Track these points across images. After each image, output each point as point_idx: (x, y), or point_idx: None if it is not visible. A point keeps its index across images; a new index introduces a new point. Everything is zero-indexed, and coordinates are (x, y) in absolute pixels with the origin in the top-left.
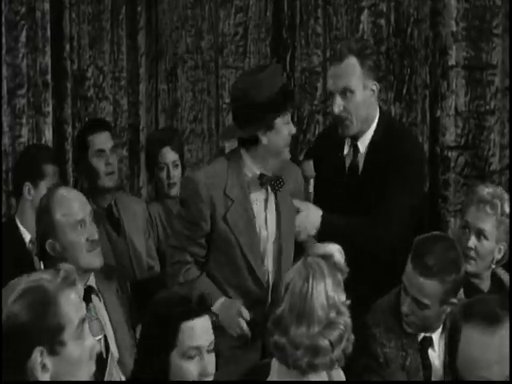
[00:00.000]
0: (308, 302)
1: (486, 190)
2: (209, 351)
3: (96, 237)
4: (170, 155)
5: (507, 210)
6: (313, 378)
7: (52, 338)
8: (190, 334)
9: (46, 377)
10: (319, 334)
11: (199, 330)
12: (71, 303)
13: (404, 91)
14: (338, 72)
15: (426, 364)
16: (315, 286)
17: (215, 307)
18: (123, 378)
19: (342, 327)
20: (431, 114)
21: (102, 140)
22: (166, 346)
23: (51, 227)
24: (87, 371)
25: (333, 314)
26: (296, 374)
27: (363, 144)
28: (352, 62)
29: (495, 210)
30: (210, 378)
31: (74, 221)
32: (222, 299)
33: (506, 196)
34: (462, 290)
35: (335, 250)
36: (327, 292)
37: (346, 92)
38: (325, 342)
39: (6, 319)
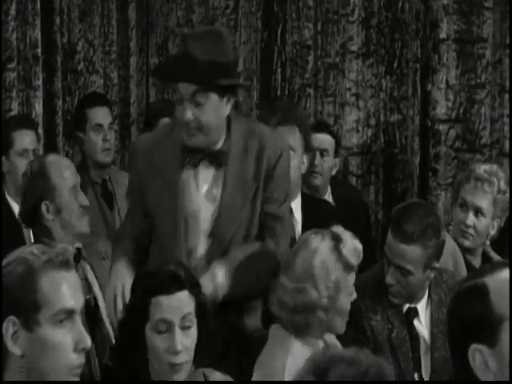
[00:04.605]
0: (291, 255)
1: (482, 168)
2: (183, 328)
3: (86, 203)
4: None
5: (503, 187)
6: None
7: (26, 313)
8: (160, 308)
9: (16, 350)
10: (291, 291)
11: (170, 304)
12: (54, 286)
13: (395, 65)
14: None
15: (413, 335)
16: (307, 247)
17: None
18: (112, 339)
19: (308, 297)
20: (422, 88)
21: (101, 114)
22: (139, 319)
23: (47, 190)
24: (67, 362)
25: (308, 284)
26: (292, 339)
27: None
28: None
29: (492, 187)
30: (184, 357)
31: (70, 185)
32: (118, 267)
33: (502, 173)
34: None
35: (349, 242)
36: (312, 258)
37: None
38: (292, 300)
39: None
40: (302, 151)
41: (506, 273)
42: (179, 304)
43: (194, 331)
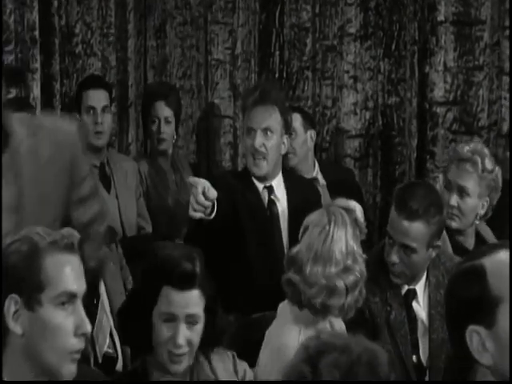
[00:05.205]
0: (327, 244)
1: (465, 148)
2: (189, 322)
3: None
4: (162, 110)
5: (488, 166)
6: (320, 324)
7: (30, 292)
8: (167, 300)
9: (17, 329)
10: (336, 276)
11: (178, 301)
12: (58, 268)
13: (393, 47)
14: None
15: (411, 317)
16: (336, 230)
17: None
18: (113, 327)
19: (357, 274)
20: (420, 70)
21: (94, 97)
22: (148, 302)
23: None
24: (66, 346)
25: (349, 261)
26: (306, 317)
27: None
28: None
29: (476, 166)
30: (185, 350)
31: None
32: None
33: (487, 151)
34: (450, 247)
35: (357, 209)
36: (347, 239)
37: None
38: (341, 284)
39: (4, 257)
40: (281, 132)
41: (503, 254)
42: (188, 302)
43: (199, 327)
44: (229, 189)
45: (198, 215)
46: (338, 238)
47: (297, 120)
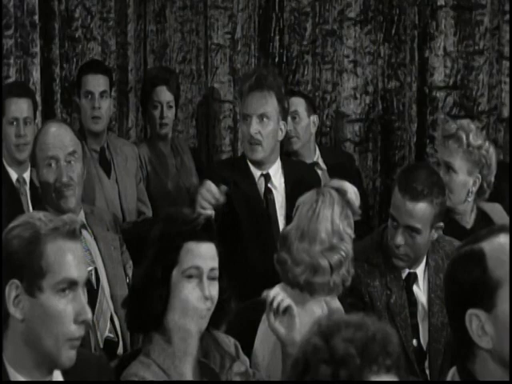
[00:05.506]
0: (313, 222)
1: (452, 125)
2: (210, 278)
3: (64, 180)
4: (165, 95)
5: (474, 141)
6: (312, 304)
7: (31, 278)
8: (191, 254)
9: (17, 314)
10: (320, 254)
11: (201, 252)
12: (59, 255)
13: (393, 31)
14: None
15: (412, 300)
16: (323, 209)
17: None
18: (113, 312)
19: (342, 253)
20: (420, 55)
21: (93, 82)
22: (168, 263)
23: (32, 160)
24: (66, 332)
25: (335, 240)
26: (298, 296)
27: None
28: None
29: (460, 142)
30: (210, 305)
31: (45, 156)
32: None
33: (473, 127)
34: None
35: (350, 190)
36: (333, 218)
37: None
38: (324, 262)
39: (5, 242)
40: (277, 117)
41: (503, 238)
42: (210, 252)
43: (217, 284)
44: (224, 182)
45: (209, 212)
46: (324, 216)
47: (301, 105)
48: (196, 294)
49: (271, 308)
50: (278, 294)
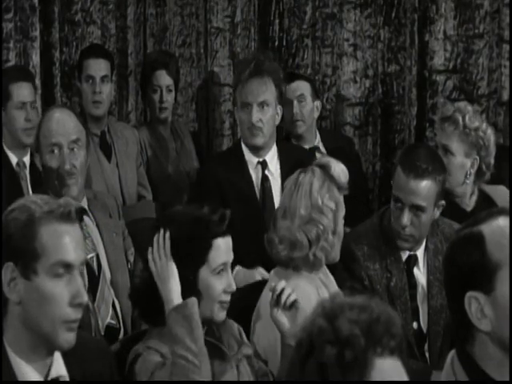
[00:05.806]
0: (293, 199)
1: (448, 108)
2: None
3: (67, 167)
4: (164, 78)
5: (470, 123)
6: (302, 279)
7: (24, 260)
8: (220, 251)
9: (14, 296)
10: (298, 228)
11: (228, 247)
12: (53, 237)
13: (393, 15)
14: None
15: (412, 283)
16: (302, 185)
17: None
18: (114, 298)
19: (320, 226)
20: (420, 38)
21: (94, 66)
22: (197, 262)
23: (36, 145)
24: (62, 315)
25: (314, 214)
26: (289, 273)
27: None
28: None
29: (456, 124)
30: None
31: (49, 143)
32: None
33: (470, 109)
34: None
35: (336, 166)
36: (312, 192)
37: None
38: (302, 236)
39: (4, 225)
40: (275, 103)
41: (502, 220)
42: (231, 245)
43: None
44: (217, 181)
45: None
46: (304, 192)
47: (307, 89)
48: (222, 287)
49: (278, 301)
50: (285, 288)
